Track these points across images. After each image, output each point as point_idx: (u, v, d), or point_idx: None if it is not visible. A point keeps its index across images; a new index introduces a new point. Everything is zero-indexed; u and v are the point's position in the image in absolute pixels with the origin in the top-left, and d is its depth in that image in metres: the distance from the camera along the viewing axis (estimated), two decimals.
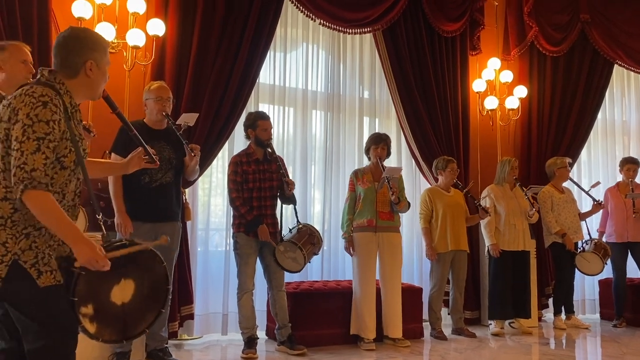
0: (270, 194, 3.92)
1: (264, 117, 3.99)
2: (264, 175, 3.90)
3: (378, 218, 4.23)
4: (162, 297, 2.02)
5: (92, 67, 1.90)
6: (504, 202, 4.91)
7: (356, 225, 4.26)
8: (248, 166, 3.90)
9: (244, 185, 3.88)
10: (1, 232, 1.73)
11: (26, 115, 1.71)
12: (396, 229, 4.33)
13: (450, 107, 5.43)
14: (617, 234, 5.33)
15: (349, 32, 5.17)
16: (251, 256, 3.87)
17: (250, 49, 4.62)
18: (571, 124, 5.93)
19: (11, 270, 1.72)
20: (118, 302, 1.88)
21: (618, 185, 5.52)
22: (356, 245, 4.24)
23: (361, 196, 4.28)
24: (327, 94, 5.30)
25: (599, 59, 6.12)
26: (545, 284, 5.57)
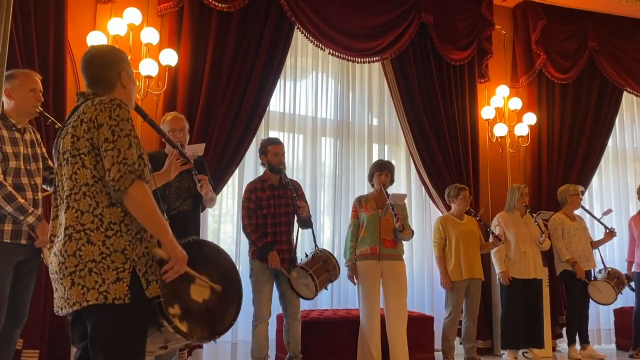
0: (285, 219, 3.91)
1: (274, 142, 4.02)
2: (279, 201, 3.90)
3: (382, 246, 4.17)
4: (237, 288, 2.06)
5: (125, 77, 1.95)
6: (514, 229, 4.87)
7: (359, 253, 4.21)
8: (262, 192, 3.91)
9: (258, 211, 3.89)
10: (119, 239, 1.74)
11: (108, 117, 1.76)
12: (400, 257, 4.27)
13: (460, 134, 5.44)
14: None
15: (358, 61, 5.23)
16: (265, 284, 3.84)
17: (261, 78, 4.69)
18: (581, 150, 5.91)
19: (132, 279, 1.73)
20: (200, 300, 1.91)
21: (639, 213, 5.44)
22: (359, 273, 4.18)
23: (364, 223, 4.25)
24: (336, 121, 5.34)
25: (607, 86, 6.13)
26: (559, 312, 5.47)
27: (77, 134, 1.80)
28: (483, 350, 5.06)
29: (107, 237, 1.73)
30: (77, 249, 1.72)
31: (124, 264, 1.73)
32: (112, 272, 1.72)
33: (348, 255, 4.24)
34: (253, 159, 4.92)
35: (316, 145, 5.22)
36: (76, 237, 1.73)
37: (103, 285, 1.71)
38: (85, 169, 1.77)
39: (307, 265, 3.77)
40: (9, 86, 2.71)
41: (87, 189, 1.76)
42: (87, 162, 1.77)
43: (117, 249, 1.74)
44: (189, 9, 4.50)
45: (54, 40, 3.99)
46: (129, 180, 1.71)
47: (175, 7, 4.45)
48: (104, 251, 1.73)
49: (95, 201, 1.76)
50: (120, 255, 1.73)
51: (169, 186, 3.34)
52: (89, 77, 1.94)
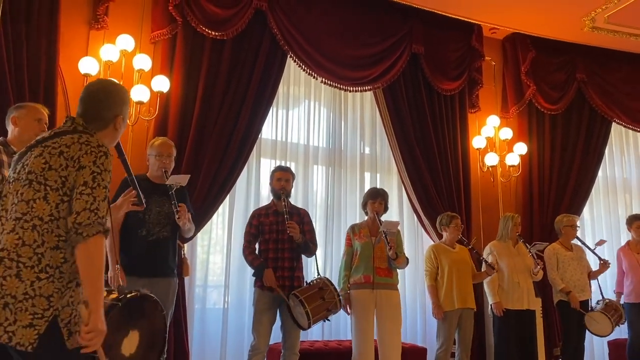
0: (289, 246, 3.85)
1: (281, 168, 4.06)
2: (282, 227, 3.84)
3: (375, 274, 4.09)
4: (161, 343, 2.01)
5: (120, 121, 1.94)
6: (507, 259, 4.82)
7: (353, 282, 4.13)
8: (266, 218, 3.90)
9: (260, 237, 3.88)
10: (49, 284, 1.66)
11: (93, 162, 1.73)
12: (394, 287, 4.18)
13: (451, 163, 5.45)
14: (635, 293, 5.15)
15: (350, 90, 5.26)
16: (265, 313, 3.74)
17: (253, 105, 4.69)
18: (572, 180, 5.93)
19: (48, 328, 1.64)
20: (127, 354, 1.87)
21: (629, 244, 5.39)
22: (353, 303, 4.08)
23: (358, 251, 4.18)
24: (328, 149, 5.34)
25: (596, 117, 6.20)
26: (553, 344, 5.39)
27: (52, 163, 1.74)
28: None
29: (38, 279, 1.66)
30: (1, 276, 1.65)
31: (44, 311, 1.64)
32: (27, 315, 1.62)
33: (341, 284, 4.15)
34: (244, 187, 4.89)
35: (308, 173, 5.20)
36: (7, 264, 1.66)
37: (12, 325, 1.62)
38: (46, 204, 1.71)
39: (300, 291, 3.68)
40: (16, 114, 2.85)
41: (40, 223, 1.70)
42: (51, 198, 1.72)
43: (44, 293, 1.65)
44: (182, 36, 4.51)
45: (46, 65, 3.97)
46: (94, 230, 1.67)
47: (169, 34, 4.47)
48: (29, 292, 1.64)
49: (42, 239, 1.69)
50: (44, 301, 1.65)
51: (149, 210, 3.30)
52: (86, 109, 1.91)
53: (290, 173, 4.03)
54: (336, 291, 3.82)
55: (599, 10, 5.41)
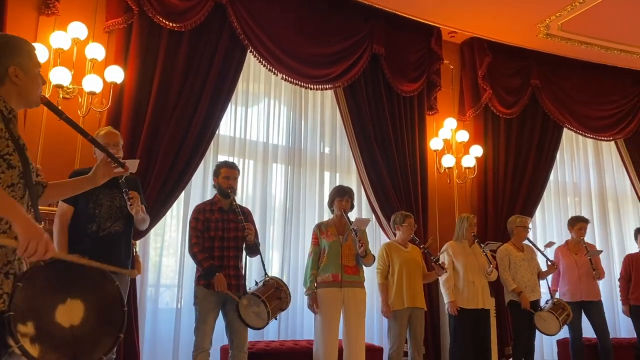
0: (234, 244, 3.74)
1: (228, 165, 3.90)
2: (228, 225, 3.74)
3: (343, 272, 4.07)
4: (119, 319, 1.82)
5: (18, 73, 1.76)
6: (462, 259, 4.87)
7: (320, 281, 4.08)
8: (211, 214, 3.76)
9: (205, 233, 3.72)
10: None
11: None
12: (361, 284, 4.19)
13: (409, 164, 5.49)
14: (570, 293, 5.32)
15: (311, 87, 5.23)
16: (210, 312, 3.63)
17: (211, 100, 4.59)
18: (525, 183, 6.07)
19: None
20: (65, 324, 1.67)
21: (567, 244, 5.57)
22: (320, 302, 4.03)
23: (326, 250, 4.13)
24: (288, 147, 5.29)
25: (549, 122, 6.38)
26: (505, 343, 5.49)
27: None
28: None
29: None
30: None
31: None
32: None
33: (309, 283, 4.09)
34: (200, 184, 4.78)
35: (267, 171, 5.13)
36: None
37: None
38: None
39: (259, 292, 3.59)
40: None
41: None
42: None
43: None
44: (137, 26, 4.37)
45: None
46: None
47: (124, 23, 4.32)
48: None
49: None
50: None
51: (100, 205, 3.15)
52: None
53: (237, 170, 3.91)
54: (288, 290, 3.78)
55: (553, 17, 5.58)
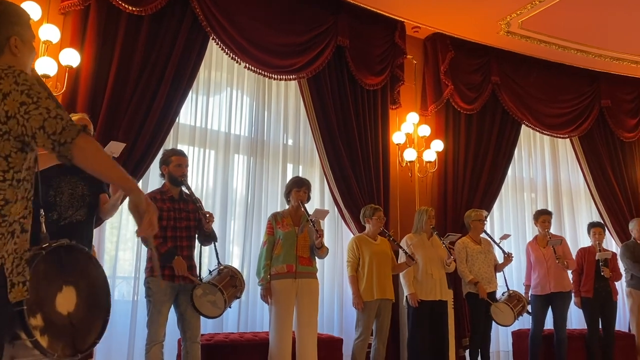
0: (186, 234, 3.66)
1: (178, 153, 3.79)
2: (179, 215, 3.66)
3: (298, 263, 4.06)
4: (105, 303, 1.85)
5: (18, 44, 1.67)
6: (421, 251, 4.93)
7: (274, 272, 4.05)
8: (162, 203, 3.64)
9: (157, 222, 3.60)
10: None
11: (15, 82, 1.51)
12: (314, 275, 4.18)
13: (372, 156, 5.51)
14: (541, 286, 5.43)
15: (274, 77, 5.17)
16: (165, 304, 3.55)
17: (171, 87, 4.49)
18: (484, 178, 6.18)
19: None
20: (64, 312, 1.68)
21: (536, 238, 5.68)
22: (275, 293, 4.01)
23: (281, 240, 4.11)
24: (250, 138, 5.23)
25: (508, 118, 6.51)
26: (462, 335, 5.59)
27: None
28: None
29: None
30: None
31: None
32: None
33: (262, 274, 4.05)
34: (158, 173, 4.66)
35: (228, 161, 5.06)
36: None
37: None
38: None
39: (215, 280, 3.55)
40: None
41: None
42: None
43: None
44: (95, 9, 4.22)
45: None
46: (74, 131, 1.50)
47: (81, 5, 4.16)
48: None
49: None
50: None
51: (61, 193, 3.03)
52: None
53: (187, 157, 3.82)
54: (243, 278, 3.75)
55: (514, 15, 5.69)
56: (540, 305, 5.37)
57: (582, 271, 5.68)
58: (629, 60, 6.71)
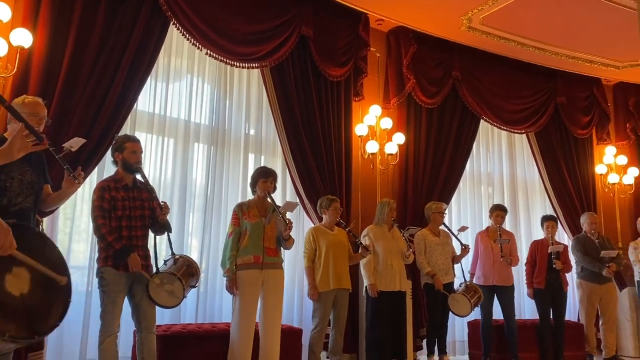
0: (141, 223, 3.57)
1: (132, 139, 3.68)
2: (134, 203, 3.56)
3: (265, 254, 4.03)
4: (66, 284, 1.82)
5: None
6: (382, 242, 4.98)
7: (241, 263, 4.00)
8: (117, 192, 3.54)
9: (112, 213, 3.50)
10: None
11: None
12: (280, 266, 4.17)
13: (334, 148, 5.51)
14: (484, 276, 5.61)
15: (237, 65, 5.10)
16: (119, 294, 3.45)
17: (128, 73, 4.38)
18: (443, 171, 6.27)
19: None
20: (16, 293, 1.63)
21: (487, 230, 5.86)
22: (241, 284, 3.96)
23: (247, 231, 4.06)
24: (211, 127, 5.15)
25: (467, 113, 6.61)
26: (420, 325, 5.68)
27: None
28: None
29: None
30: None
31: None
32: None
33: (228, 264, 3.99)
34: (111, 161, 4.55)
35: (188, 150, 4.97)
36: None
37: None
38: None
39: (173, 269, 3.48)
40: None
41: None
42: None
43: None
44: None
45: None
46: None
47: None
48: None
49: None
50: None
51: (11, 179, 2.90)
52: None
53: (140, 143, 3.71)
54: (198, 267, 3.71)
55: (476, 10, 5.77)
56: (485, 295, 5.50)
57: (535, 263, 5.86)
58: (583, 59, 6.92)
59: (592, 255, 6.01)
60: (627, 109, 7.65)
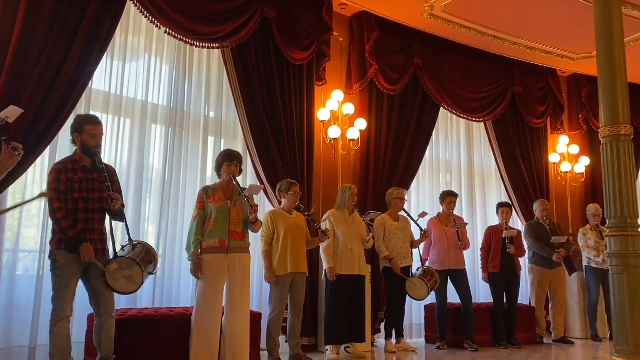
0: (99, 206, 3.46)
1: (93, 121, 3.55)
2: (92, 185, 3.45)
3: (230, 238, 3.98)
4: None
5: None
6: (342, 227, 5.00)
7: (206, 247, 3.95)
8: (74, 174, 3.42)
9: (68, 195, 3.39)
10: None
11: None
12: (247, 250, 4.13)
13: (296, 132, 5.48)
14: (439, 262, 5.71)
15: (197, 45, 4.98)
16: (72, 278, 3.36)
17: (83, 51, 4.22)
18: (404, 157, 6.33)
19: None
20: None
21: (439, 216, 5.97)
22: (205, 268, 3.91)
23: (213, 215, 4.00)
24: (169, 108, 5.03)
25: (428, 101, 6.68)
26: (378, 309, 5.76)
27: None
28: (308, 347, 5.08)
29: None
30: None
31: None
32: None
33: (193, 248, 3.93)
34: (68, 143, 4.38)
35: (145, 131, 4.84)
36: None
37: None
38: None
39: (133, 255, 3.40)
40: None
41: None
42: None
43: None
44: None
45: None
46: None
47: None
48: None
49: None
50: None
51: None
52: None
53: (102, 125, 3.60)
54: (156, 254, 3.64)
55: None
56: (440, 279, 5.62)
57: (490, 248, 6.02)
58: (540, 49, 7.09)
59: (543, 241, 6.22)
60: (580, 100, 7.91)
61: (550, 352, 5.62)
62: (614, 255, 3.07)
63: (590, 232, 6.62)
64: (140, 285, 3.45)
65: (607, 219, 3.18)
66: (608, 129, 3.16)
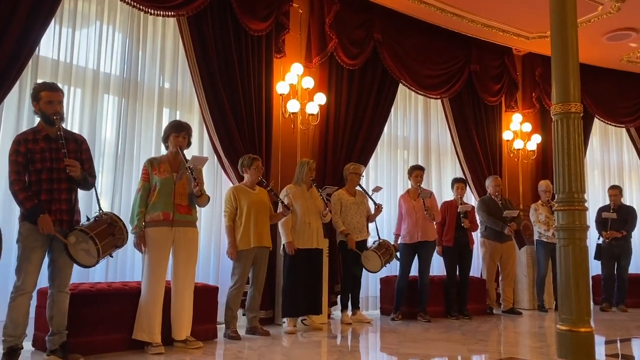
0: (65, 176, 3.35)
1: (48, 87, 3.43)
2: (57, 155, 3.34)
3: (175, 211, 3.93)
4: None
5: None
6: (300, 201, 5.02)
7: (149, 219, 3.90)
8: (35, 144, 3.32)
9: (30, 166, 3.30)
10: None
11: None
12: (194, 224, 4.09)
13: (255, 105, 5.40)
14: (410, 235, 5.78)
15: (150, 12, 4.81)
16: (36, 250, 3.28)
17: (28, 17, 4.03)
18: (362, 133, 6.35)
19: None
20: None
21: (408, 191, 6.03)
22: (149, 241, 3.87)
23: (157, 187, 3.93)
24: (122, 78, 4.87)
25: (387, 77, 6.69)
26: (335, 282, 5.83)
27: None
28: (265, 320, 5.12)
29: None
30: None
31: None
32: None
33: (136, 221, 3.87)
34: (14, 113, 4.20)
35: (97, 101, 4.68)
36: None
37: None
38: None
39: (88, 228, 3.32)
40: None
41: None
42: None
43: None
44: None
45: None
46: None
47: None
48: None
49: None
50: None
51: None
52: None
53: (61, 92, 3.49)
54: (125, 227, 3.55)
55: None
56: (407, 253, 5.76)
57: (445, 222, 6.15)
58: (497, 28, 7.19)
59: (495, 216, 6.42)
60: (533, 78, 8.09)
61: (499, 322, 5.84)
62: (561, 228, 3.19)
63: (541, 207, 6.88)
64: (99, 260, 3.36)
65: (555, 194, 3.29)
66: (559, 106, 3.24)
